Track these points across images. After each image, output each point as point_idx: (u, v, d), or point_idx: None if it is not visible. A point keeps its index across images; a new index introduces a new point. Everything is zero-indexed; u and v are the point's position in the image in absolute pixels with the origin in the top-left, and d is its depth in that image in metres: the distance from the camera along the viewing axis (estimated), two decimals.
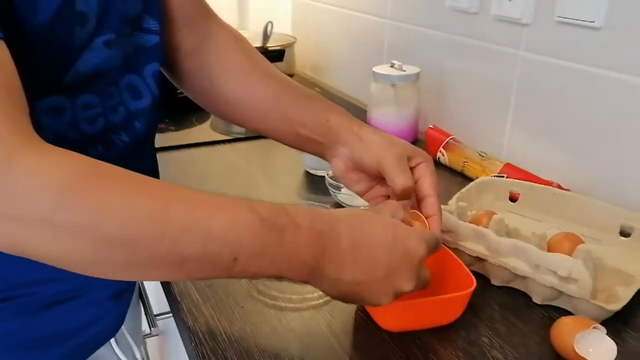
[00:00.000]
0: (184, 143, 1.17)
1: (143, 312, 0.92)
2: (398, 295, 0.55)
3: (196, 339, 0.63)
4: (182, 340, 0.67)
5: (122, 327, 0.70)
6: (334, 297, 0.55)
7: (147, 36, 0.63)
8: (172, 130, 1.25)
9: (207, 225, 0.45)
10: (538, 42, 0.98)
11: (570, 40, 0.92)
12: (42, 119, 0.52)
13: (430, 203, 0.67)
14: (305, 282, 0.52)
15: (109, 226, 0.41)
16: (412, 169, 0.67)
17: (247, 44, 0.80)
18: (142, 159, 0.67)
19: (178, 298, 0.70)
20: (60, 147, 0.54)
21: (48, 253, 0.42)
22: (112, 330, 0.68)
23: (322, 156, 0.73)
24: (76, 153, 0.43)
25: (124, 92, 0.61)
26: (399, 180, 0.65)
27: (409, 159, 0.67)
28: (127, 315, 0.71)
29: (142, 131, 0.65)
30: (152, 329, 0.89)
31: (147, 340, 1.06)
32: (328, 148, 0.71)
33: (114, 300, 0.66)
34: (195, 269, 0.46)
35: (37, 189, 0.40)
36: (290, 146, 0.76)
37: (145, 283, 0.99)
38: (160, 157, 1.10)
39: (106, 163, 0.44)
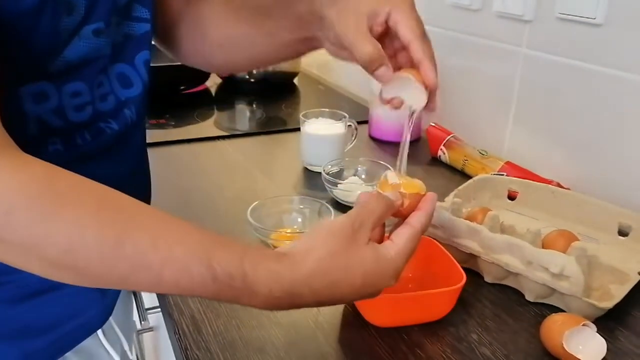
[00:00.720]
0: (184, 138, 1.17)
1: (135, 306, 0.92)
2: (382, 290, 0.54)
3: (180, 332, 0.62)
4: (168, 333, 0.66)
5: (111, 319, 0.70)
6: None
7: (137, 24, 0.63)
8: (173, 126, 1.25)
9: (158, 273, 0.43)
10: (540, 39, 0.97)
11: (572, 36, 0.90)
12: (25, 105, 0.52)
13: (414, 49, 0.61)
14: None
15: (54, 252, 0.41)
16: (385, 24, 0.62)
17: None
18: (130, 146, 0.66)
19: None
20: (44, 134, 0.54)
21: (5, 260, 0.43)
22: (97, 322, 0.67)
23: (319, 47, 0.71)
24: (39, 165, 0.43)
25: (114, 80, 0.61)
26: (358, 51, 0.60)
27: (374, 15, 0.61)
28: (117, 308, 0.70)
29: (133, 119, 0.64)
30: (142, 322, 0.89)
31: (142, 335, 1.06)
32: (315, 39, 0.69)
33: (99, 292, 0.65)
34: (141, 289, 0.47)
35: None
36: (292, 58, 0.76)
37: None
38: (160, 152, 1.11)
39: (68, 176, 0.43)
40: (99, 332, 0.69)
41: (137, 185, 0.68)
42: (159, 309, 0.78)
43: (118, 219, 0.43)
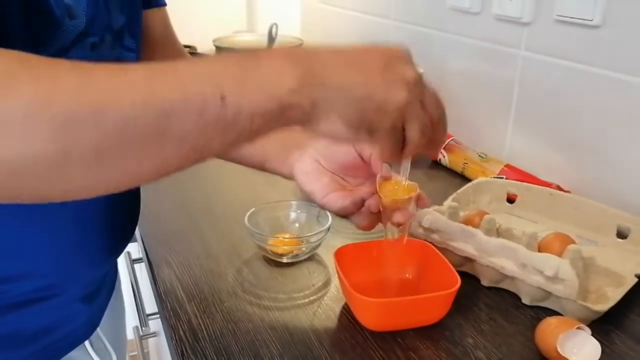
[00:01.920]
0: None
1: (132, 311, 0.93)
2: (410, 85, 0.47)
3: (177, 337, 0.63)
4: (165, 337, 0.67)
5: (99, 331, 0.70)
6: (350, 126, 0.46)
7: (126, 52, 0.65)
8: None
9: (176, 72, 0.40)
10: (538, 41, 0.97)
11: (570, 38, 0.90)
12: None
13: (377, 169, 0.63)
14: (312, 103, 0.44)
15: (65, 99, 0.36)
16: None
17: None
18: None
19: (163, 296, 0.70)
20: None
21: (6, 158, 0.35)
22: (82, 333, 0.67)
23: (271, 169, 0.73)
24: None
25: None
26: (331, 211, 0.66)
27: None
28: (105, 319, 0.70)
29: None
30: (143, 328, 0.89)
31: (147, 340, 1.06)
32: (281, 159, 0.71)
33: (85, 303, 0.65)
34: (183, 126, 0.39)
35: None
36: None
37: (139, 281, 0.99)
38: None
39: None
40: (87, 344, 0.69)
41: (128, 195, 0.69)
42: (158, 315, 0.79)
43: (117, 66, 0.40)
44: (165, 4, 0.79)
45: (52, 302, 0.61)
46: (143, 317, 0.91)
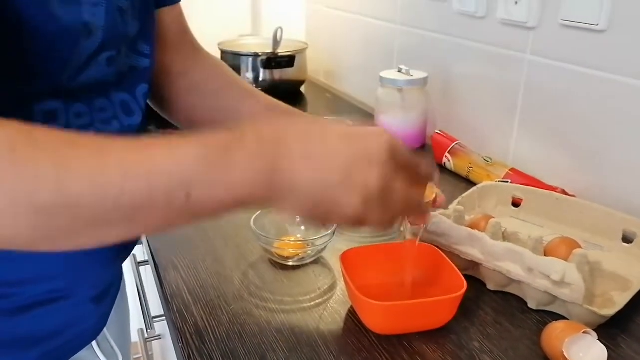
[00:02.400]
0: None
1: (137, 314, 0.93)
2: (367, 196, 0.49)
3: (183, 340, 0.63)
4: (172, 340, 0.67)
5: (105, 331, 0.70)
6: (304, 216, 0.53)
7: (141, 59, 0.65)
8: None
9: (148, 164, 0.43)
10: (544, 46, 0.97)
11: (575, 43, 0.91)
12: (36, 122, 0.53)
13: None
14: (268, 199, 0.47)
15: (45, 194, 0.40)
16: None
17: (229, 68, 0.85)
18: None
19: (169, 299, 0.70)
20: None
21: None
22: (92, 333, 0.68)
23: None
24: (10, 121, 0.41)
25: (118, 107, 0.62)
26: None
27: None
28: (111, 320, 0.71)
29: None
30: (148, 330, 0.89)
31: (152, 343, 1.06)
32: None
33: (95, 303, 0.66)
34: (149, 216, 0.44)
35: None
36: None
37: (145, 284, 0.99)
38: None
39: (39, 127, 0.42)
40: (95, 345, 0.69)
41: None
42: (164, 318, 0.79)
43: (96, 144, 0.43)
44: (178, 1, 0.78)
45: (64, 304, 0.62)
46: (148, 319, 0.91)
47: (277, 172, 0.46)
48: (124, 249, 0.69)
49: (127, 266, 0.88)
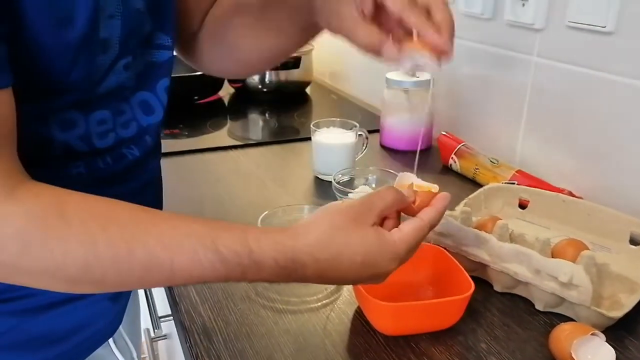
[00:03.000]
0: (197, 148, 1.18)
1: (143, 313, 0.93)
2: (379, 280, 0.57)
3: (191, 339, 0.63)
4: (180, 340, 0.67)
5: (120, 328, 0.71)
6: None
7: (159, 52, 0.64)
8: (187, 136, 1.27)
9: (170, 267, 0.47)
10: (550, 48, 0.97)
11: (582, 45, 0.90)
12: (53, 132, 0.53)
13: (406, 20, 0.55)
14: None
15: (72, 270, 0.45)
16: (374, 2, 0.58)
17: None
18: (148, 169, 0.68)
19: (177, 299, 0.70)
20: (70, 159, 0.55)
21: (28, 285, 0.48)
22: (109, 330, 0.68)
23: (321, 31, 0.68)
24: (44, 188, 0.46)
25: (136, 108, 0.62)
26: (356, 41, 0.58)
27: None
28: (125, 316, 0.71)
29: (152, 144, 0.66)
30: (155, 330, 0.89)
31: (157, 343, 1.07)
32: (314, 26, 0.65)
33: (112, 301, 0.66)
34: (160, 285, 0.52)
35: (3, 237, 0.43)
36: (298, 48, 0.74)
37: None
38: (175, 161, 1.13)
39: (72, 196, 0.47)
40: (111, 342, 0.70)
41: (150, 199, 0.69)
42: (172, 318, 0.79)
43: (125, 230, 0.47)
44: None
45: (83, 302, 0.62)
46: (155, 319, 0.91)
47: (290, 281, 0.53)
48: None
49: None
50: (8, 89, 0.45)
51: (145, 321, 0.97)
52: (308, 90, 1.64)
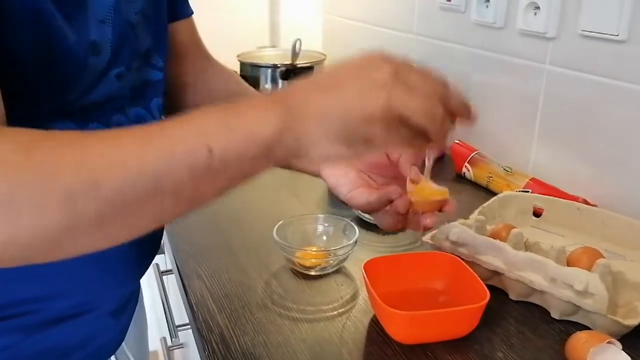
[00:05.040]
0: None
1: (160, 322, 0.94)
2: (385, 86, 0.47)
3: (209, 348, 0.64)
4: (198, 349, 0.68)
5: (123, 345, 0.71)
6: (345, 144, 0.47)
7: (153, 72, 0.66)
8: None
9: (165, 132, 0.43)
10: (563, 56, 0.97)
11: (595, 53, 0.91)
12: None
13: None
14: (297, 141, 0.46)
15: (68, 177, 0.39)
16: None
17: (240, 78, 0.85)
18: None
19: (194, 308, 0.71)
20: None
21: (16, 235, 0.39)
22: (112, 347, 0.69)
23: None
24: (22, 128, 0.41)
25: (133, 123, 0.63)
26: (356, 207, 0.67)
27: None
28: (129, 332, 0.72)
29: None
30: (172, 339, 0.90)
31: (174, 352, 1.07)
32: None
33: (114, 317, 0.67)
34: (174, 183, 0.42)
35: None
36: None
37: (169, 294, 1.00)
38: None
39: (52, 131, 0.43)
40: (112, 358, 0.70)
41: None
42: (189, 326, 0.80)
43: (112, 134, 0.44)
44: (191, 13, 0.79)
45: (85, 318, 0.63)
46: (172, 328, 0.92)
47: (291, 107, 0.46)
48: (141, 265, 0.70)
49: (150, 275, 0.89)
50: None
51: (162, 330, 0.98)
52: None
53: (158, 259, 0.84)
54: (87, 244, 0.43)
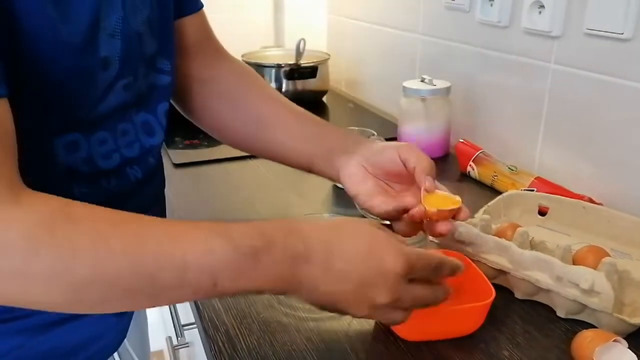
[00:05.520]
0: (217, 158, 1.19)
1: (166, 322, 0.94)
2: (375, 308, 0.53)
3: (216, 347, 0.64)
4: (204, 348, 0.68)
5: (126, 342, 0.72)
6: (314, 306, 0.54)
7: (160, 76, 0.66)
8: (206, 146, 1.28)
9: (182, 260, 0.46)
10: (568, 55, 0.97)
11: (600, 52, 0.91)
12: (58, 155, 0.54)
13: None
14: (284, 294, 0.53)
15: (82, 270, 0.43)
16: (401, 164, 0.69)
17: (254, 72, 0.85)
18: (151, 189, 0.69)
19: (200, 307, 0.71)
20: (73, 180, 0.56)
21: (25, 300, 0.45)
22: (114, 346, 0.69)
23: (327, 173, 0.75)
24: (49, 196, 0.45)
25: (139, 129, 0.63)
26: (374, 211, 0.68)
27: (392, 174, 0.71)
28: (130, 330, 0.72)
29: (154, 165, 0.68)
30: (178, 338, 0.91)
31: (179, 351, 1.08)
32: (317, 172, 0.75)
33: (116, 316, 0.67)
34: (175, 297, 0.49)
35: (9, 243, 0.42)
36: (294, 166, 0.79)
37: None
38: (195, 171, 1.14)
39: (78, 203, 0.46)
40: (115, 355, 0.70)
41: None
42: (195, 326, 0.80)
43: (133, 229, 0.46)
44: (200, 7, 0.78)
45: (89, 318, 0.63)
46: (178, 327, 0.93)
47: (296, 280, 0.51)
48: None
49: None
50: (4, 100, 0.44)
51: (167, 330, 0.98)
52: (325, 99, 1.65)
53: None
54: (86, 312, 0.53)
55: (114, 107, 0.58)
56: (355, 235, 0.54)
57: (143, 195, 0.66)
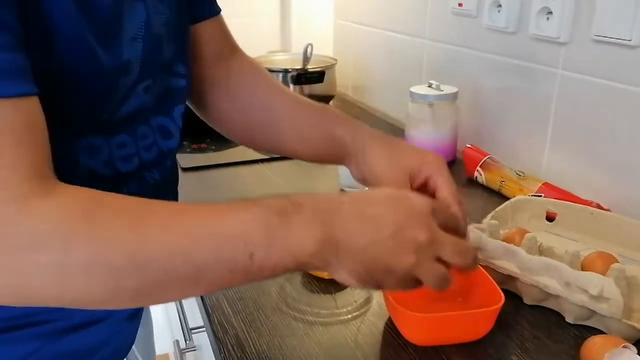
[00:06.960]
0: (224, 162, 1.20)
1: (175, 325, 0.94)
2: (419, 250, 0.50)
3: (225, 351, 0.64)
4: (213, 351, 0.68)
5: (133, 347, 0.72)
6: (359, 281, 0.51)
7: (177, 79, 0.67)
8: (214, 150, 1.28)
9: (216, 232, 0.46)
10: (576, 61, 0.97)
11: (608, 58, 0.91)
12: (81, 158, 0.55)
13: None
14: (324, 262, 0.50)
15: (120, 255, 0.43)
16: (425, 182, 0.68)
17: (266, 72, 0.84)
18: (167, 191, 0.70)
19: (209, 310, 0.71)
20: (94, 183, 0.57)
21: (63, 297, 0.44)
22: (124, 349, 0.70)
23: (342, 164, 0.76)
24: (80, 188, 0.45)
25: (157, 132, 0.64)
26: None
27: (416, 175, 0.67)
28: (138, 335, 0.72)
29: (171, 168, 0.69)
30: (187, 342, 0.91)
31: (186, 354, 1.08)
32: (342, 161, 0.75)
33: (128, 320, 0.68)
34: (213, 277, 0.46)
35: (44, 236, 0.42)
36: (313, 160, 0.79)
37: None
38: (202, 175, 1.14)
39: (108, 193, 0.46)
40: None
41: None
42: (203, 329, 0.80)
43: (167, 211, 0.47)
44: (218, 12, 0.77)
45: (104, 323, 0.64)
46: (187, 331, 0.93)
47: (331, 236, 0.49)
48: None
49: None
50: (35, 98, 0.45)
51: (176, 333, 0.99)
52: (332, 104, 1.65)
53: None
54: (124, 307, 0.54)
55: (134, 109, 0.58)
56: (376, 190, 0.57)
57: (160, 198, 0.66)
